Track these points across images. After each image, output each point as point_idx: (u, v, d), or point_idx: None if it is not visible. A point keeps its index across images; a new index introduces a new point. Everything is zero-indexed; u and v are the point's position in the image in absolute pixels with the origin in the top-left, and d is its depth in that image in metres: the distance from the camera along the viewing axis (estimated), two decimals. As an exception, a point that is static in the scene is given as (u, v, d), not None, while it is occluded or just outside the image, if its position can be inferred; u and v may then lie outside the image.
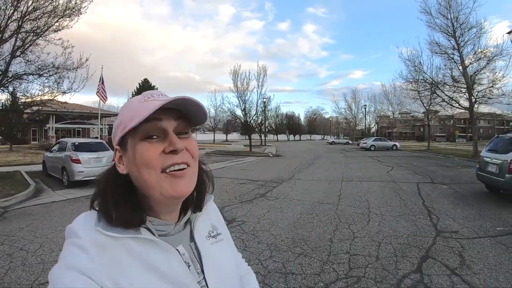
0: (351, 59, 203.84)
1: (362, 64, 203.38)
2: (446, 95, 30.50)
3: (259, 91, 35.57)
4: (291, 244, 6.00)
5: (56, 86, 15.54)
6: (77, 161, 11.97)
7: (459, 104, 30.11)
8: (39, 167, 16.60)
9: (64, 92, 15.84)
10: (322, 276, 4.64)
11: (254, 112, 36.31)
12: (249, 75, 35.16)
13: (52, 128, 39.67)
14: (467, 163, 21.87)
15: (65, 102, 17.63)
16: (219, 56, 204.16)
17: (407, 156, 29.34)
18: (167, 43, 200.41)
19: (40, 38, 14.44)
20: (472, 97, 27.63)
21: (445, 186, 12.26)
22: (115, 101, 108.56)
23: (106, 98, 35.12)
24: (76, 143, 13.22)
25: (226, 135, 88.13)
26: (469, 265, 4.91)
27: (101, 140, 15.66)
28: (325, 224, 7.26)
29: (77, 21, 15.47)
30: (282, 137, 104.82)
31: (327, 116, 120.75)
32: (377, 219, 7.63)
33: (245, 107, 35.49)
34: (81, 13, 15.24)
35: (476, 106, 28.42)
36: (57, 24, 14.69)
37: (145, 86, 54.36)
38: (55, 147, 14.67)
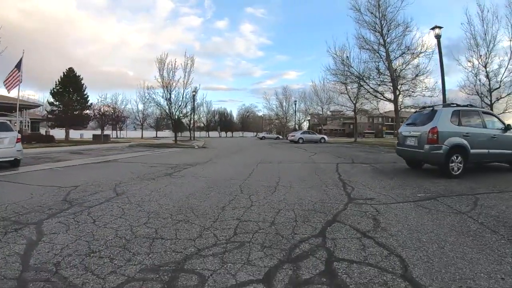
0: (287, 60, 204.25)
1: (296, 66, 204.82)
2: (372, 88, 30.94)
3: (185, 81, 33.98)
4: (175, 212, 4.91)
5: None
6: None
7: (384, 96, 30.62)
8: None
9: None
10: (197, 241, 3.60)
11: (180, 103, 34.68)
12: (175, 63, 33.52)
13: (-33, 119, 35.29)
14: (391, 150, 21.84)
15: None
16: (156, 51, 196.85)
17: (334, 146, 29.02)
18: (101, 35, 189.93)
19: None
20: (397, 90, 28.12)
21: (365, 164, 11.64)
22: (41, 96, 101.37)
23: (20, 82, 31.23)
24: None
25: (156, 131, 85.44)
26: (384, 228, 3.97)
27: (5, 120, 13.70)
28: (223, 195, 6.10)
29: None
30: (214, 134, 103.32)
31: (260, 113, 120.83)
32: (284, 190, 6.58)
33: (170, 97, 33.78)
34: None
35: (400, 99, 28.98)
36: None
37: (69, 75, 50.30)
38: None
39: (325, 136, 43.28)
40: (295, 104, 69.32)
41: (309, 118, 77.21)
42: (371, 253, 3.18)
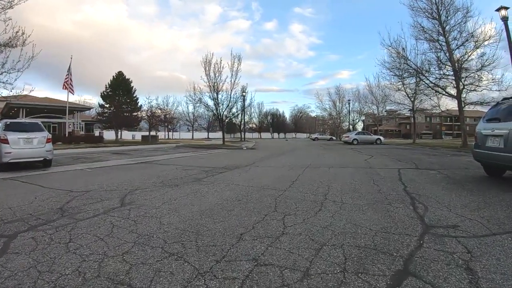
0: (338, 59, 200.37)
1: (349, 65, 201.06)
2: (432, 82, 28.36)
3: (232, 81, 33.10)
4: (173, 238, 3.63)
5: None
6: (5, 141, 10.71)
7: (446, 92, 27.88)
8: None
9: (6, 72, 15.85)
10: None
11: (227, 103, 33.81)
12: (221, 63, 32.72)
13: (22, 122, 36.87)
14: (457, 153, 19.52)
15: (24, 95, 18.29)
16: (206, 55, 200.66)
17: (391, 148, 26.68)
18: (153, 42, 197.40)
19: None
20: (460, 83, 25.42)
21: (433, 171, 9.74)
22: (97, 100, 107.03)
23: (73, 90, 33.80)
24: (8, 123, 11.99)
25: (208, 132, 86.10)
26: (488, 291, 2.34)
27: (36, 121, 13.93)
28: (249, 213, 4.70)
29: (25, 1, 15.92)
30: (266, 135, 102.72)
31: (313, 114, 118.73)
32: (332, 208, 5.03)
33: (217, 97, 32.97)
34: None
35: (464, 95, 26.21)
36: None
37: (119, 78, 51.71)
38: None
39: (381, 137, 40.91)
40: (349, 104, 66.72)
41: (363, 118, 74.43)
42: None
